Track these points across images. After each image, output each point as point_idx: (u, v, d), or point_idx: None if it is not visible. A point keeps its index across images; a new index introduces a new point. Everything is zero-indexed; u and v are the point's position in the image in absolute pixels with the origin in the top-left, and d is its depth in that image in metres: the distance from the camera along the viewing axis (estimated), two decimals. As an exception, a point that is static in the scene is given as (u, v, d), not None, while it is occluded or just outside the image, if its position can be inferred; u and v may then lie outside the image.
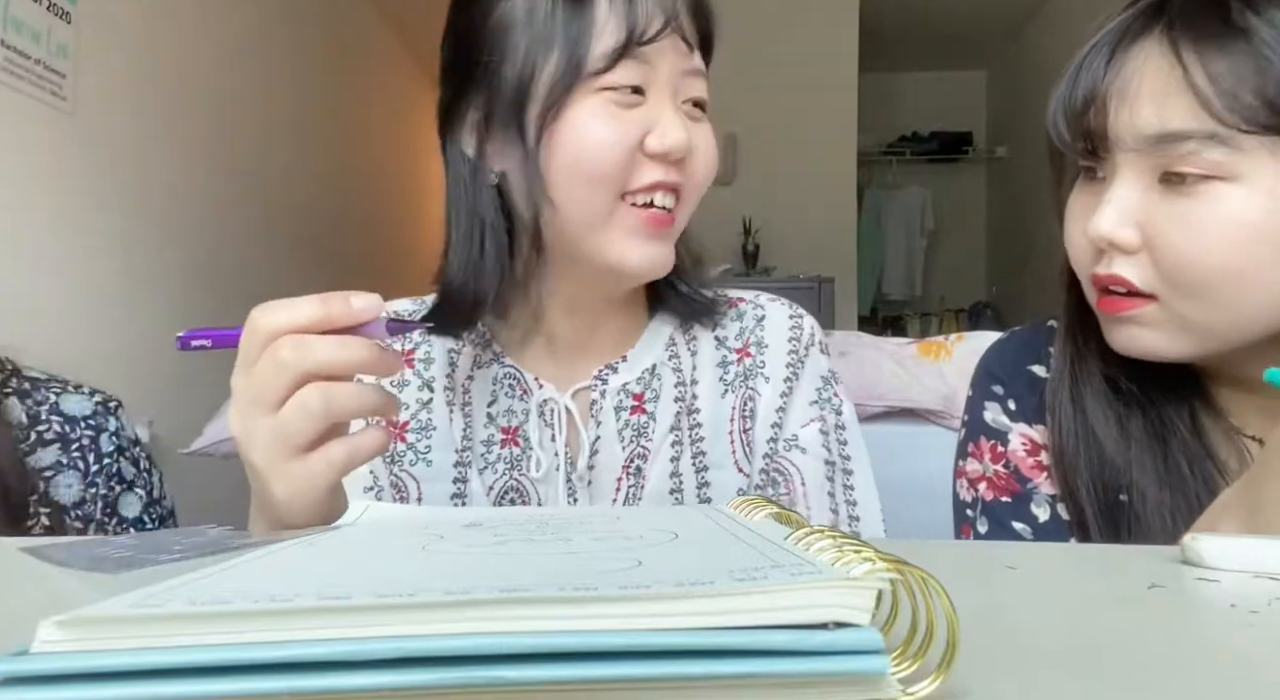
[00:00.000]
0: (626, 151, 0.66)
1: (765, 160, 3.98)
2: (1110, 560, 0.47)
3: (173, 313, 2.48)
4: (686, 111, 0.69)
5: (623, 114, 0.66)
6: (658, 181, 0.67)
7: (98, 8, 2.15)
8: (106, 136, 2.18)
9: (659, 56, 0.67)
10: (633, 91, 0.66)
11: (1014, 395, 0.76)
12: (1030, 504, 0.73)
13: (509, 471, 0.74)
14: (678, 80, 0.68)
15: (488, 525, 0.41)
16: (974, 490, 0.76)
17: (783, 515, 0.37)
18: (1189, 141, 0.57)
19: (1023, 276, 5.01)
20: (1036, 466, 0.73)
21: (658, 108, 0.67)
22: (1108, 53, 0.62)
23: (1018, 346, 0.79)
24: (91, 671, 0.21)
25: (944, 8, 4.77)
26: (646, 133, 0.66)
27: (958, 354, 1.30)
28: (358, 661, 0.21)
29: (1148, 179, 0.60)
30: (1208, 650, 0.29)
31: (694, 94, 0.70)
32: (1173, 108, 0.58)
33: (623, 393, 0.75)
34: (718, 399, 0.77)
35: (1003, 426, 0.76)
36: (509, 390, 0.75)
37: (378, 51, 4.47)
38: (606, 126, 0.65)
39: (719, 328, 0.79)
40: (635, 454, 0.75)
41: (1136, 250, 0.61)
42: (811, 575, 0.23)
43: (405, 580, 0.27)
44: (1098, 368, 0.70)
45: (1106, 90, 0.61)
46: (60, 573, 0.41)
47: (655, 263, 0.69)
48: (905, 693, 0.22)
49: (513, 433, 0.74)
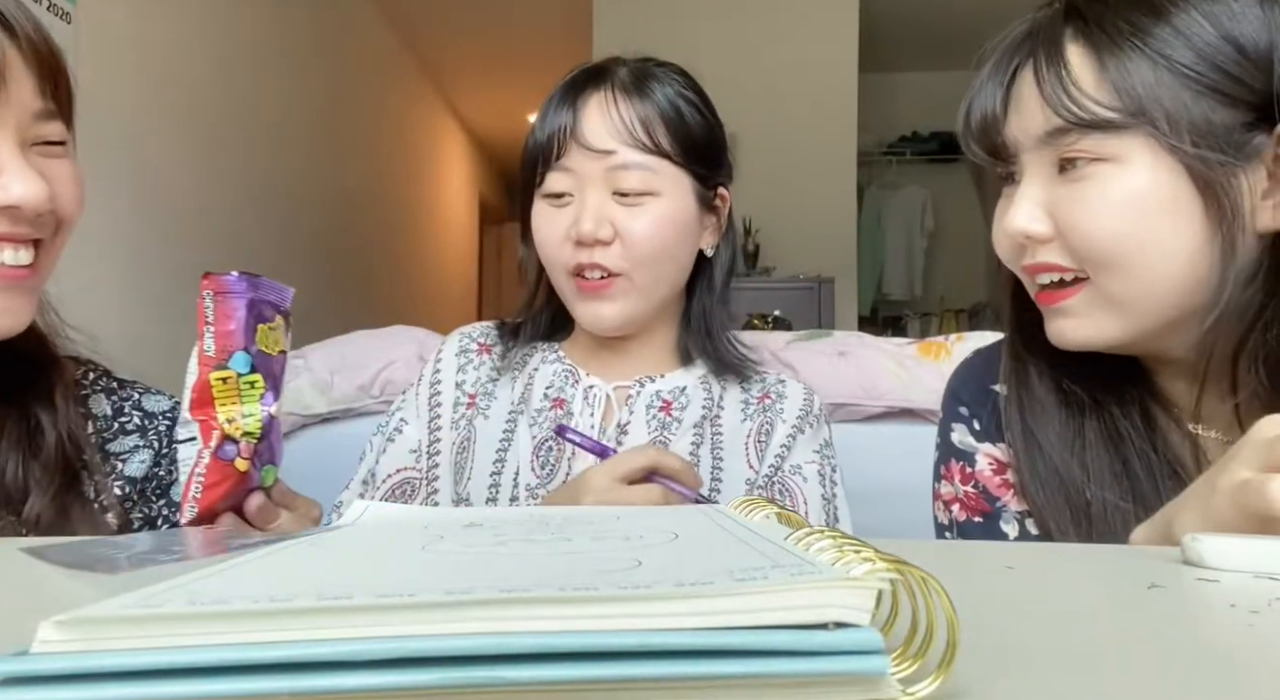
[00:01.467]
0: (556, 243, 0.86)
1: (765, 160, 3.97)
2: (1110, 560, 0.47)
3: (171, 313, 2.49)
4: (616, 201, 0.85)
5: (555, 214, 0.87)
6: (579, 264, 0.85)
7: (98, 8, 2.15)
8: (106, 137, 2.18)
9: (574, 165, 0.85)
10: (558, 196, 0.87)
11: (977, 416, 0.79)
12: (1000, 522, 0.75)
13: (551, 428, 0.89)
14: (601, 178, 0.85)
15: (488, 525, 0.41)
16: (949, 512, 0.79)
17: (783, 515, 0.37)
18: (1070, 133, 0.64)
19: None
20: (1004, 485, 0.76)
21: (581, 205, 0.85)
22: (998, 73, 0.70)
23: (981, 366, 0.81)
24: (91, 671, 0.21)
25: (944, 8, 4.77)
26: (574, 224, 0.85)
27: (958, 354, 1.30)
28: (358, 661, 0.21)
29: (1048, 172, 0.67)
30: (1208, 650, 0.29)
31: (621, 186, 0.85)
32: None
33: (655, 396, 0.91)
34: (738, 422, 0.92)
35: (969, 447, 0.78)
36: (564, 378, 0.93)
37: (378, 51, 4.47)
38: (545, 225, 0.88)
39: (744, 382, 0.95)
40: (658, 440, 0.89)
41: (1051, 238, 0.67)
42: (811, 575, 0.23)
43: (405, 580, 0.27)
44: (1044, 378, 0.73)
45: (1003, 104, 0.69)
46: (60, 573, 0.41)
47: (598, 322, 0.88)
48: (905, 693, 0.22)
49: (560, 402, 0.91)
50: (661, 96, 0.86)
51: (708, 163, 0.90)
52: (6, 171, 0.66)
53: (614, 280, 0.85)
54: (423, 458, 0.92)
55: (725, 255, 0.95)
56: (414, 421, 0.94)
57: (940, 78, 5.73)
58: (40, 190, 0.67)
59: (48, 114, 0.70)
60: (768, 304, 3.25)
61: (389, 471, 0.91)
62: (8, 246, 0.68)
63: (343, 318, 2.48)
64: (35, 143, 0.70)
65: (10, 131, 0.67)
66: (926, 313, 5.61)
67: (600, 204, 0.84)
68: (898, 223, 5.52)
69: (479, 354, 0.96)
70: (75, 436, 0.76)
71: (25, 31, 0.68)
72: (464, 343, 0.97)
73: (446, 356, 0.96)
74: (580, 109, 0.86)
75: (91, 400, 0.82)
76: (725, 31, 3.93)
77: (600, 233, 0.84)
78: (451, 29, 4.80)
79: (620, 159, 0.84)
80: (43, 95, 0.69)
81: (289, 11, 3.34)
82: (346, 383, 1.29)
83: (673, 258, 0.88)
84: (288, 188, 3.33)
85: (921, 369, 1.27)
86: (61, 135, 0.72)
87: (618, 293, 0.86)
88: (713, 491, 0.86)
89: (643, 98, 0.86)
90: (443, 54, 5.13)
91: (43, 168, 0.69)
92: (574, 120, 0.85)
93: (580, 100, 0.86)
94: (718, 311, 0.94)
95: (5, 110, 0.66)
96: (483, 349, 0.97)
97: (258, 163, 3.08)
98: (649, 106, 0.85)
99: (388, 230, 4.62)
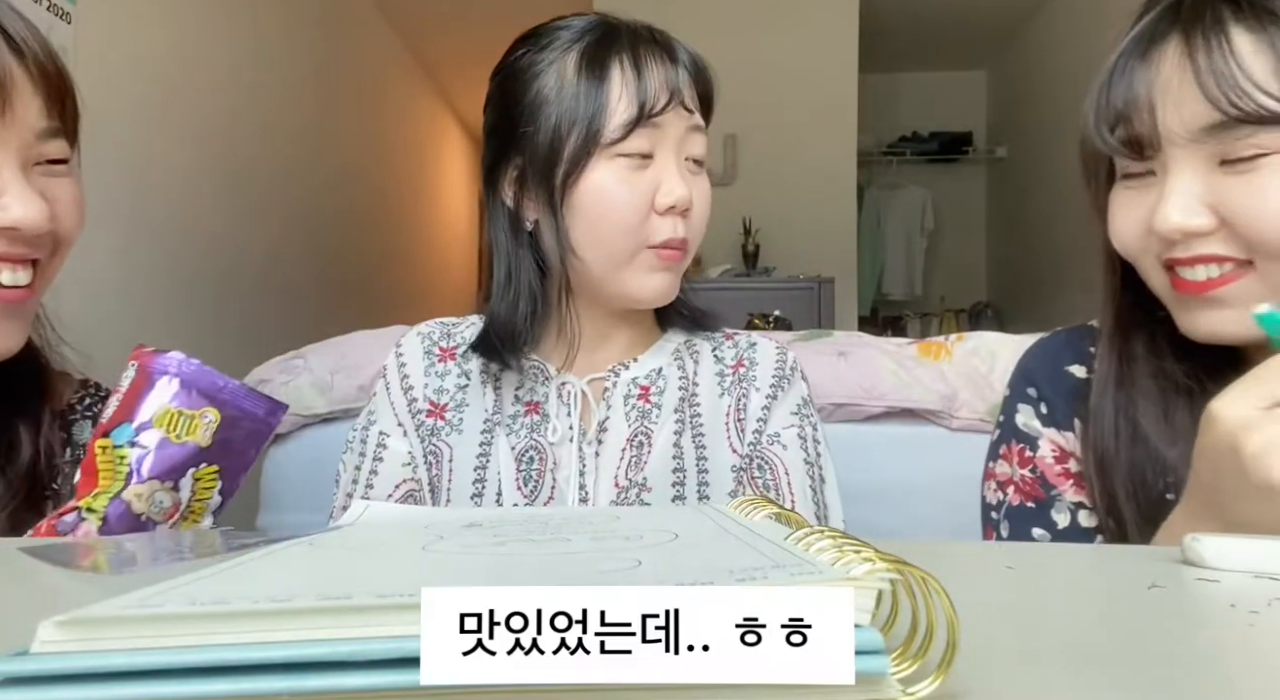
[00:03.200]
0: (641, 208, 0.80)
1: (765, 160, 3.97)
2: (1110, 560, 0.47)
3: (168, 312, 2.48)
4: (688, 167, 0.82)
5: (634, 176, 0.80)
6: (667, 239, 0.81)
7: (98, 8, 2.15)
8: (104, 137, 2.19)
9: (666, 123, 0.80)
10: (642, 157, 0.80)
11: (1046, 399, 0.77)
12: (1052, 510, 0.73)
13: (530, 435, 0.85)
14: (680, 140, 0.82)
15: (487, 525, 0.41)
16: (1001, 493, 0.77)
17: (783, 515, 0.37)
18: (1242, 127, 0.60)
19: (1023, 276, 5.01)
20: (1063, 474, 0.74)
21: (663, 168, 0.81)
22: (1138, 57, 0.65)
23: (1058, 346, 0.79)
24: (91, 671, 0.21)
25: (944, 8, 4.77)
26: (655, 190, 0.80)
27: (958, 354, 1.30)
28: (358, 661, 0.21)
29: (1207, 166, 0.63)
30: (1208, 650, 0.29)
31: (693, 152, 0.83)
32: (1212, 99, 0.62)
33: (632, 384, 0.87)
34: (716, 398, 0.88)
35: (1033, 431, 0.76)
36: (534, 377, 0.87)
37: (379, 50, 4.47)
38: (622, 186, 0.80)
39: (717, 349, 0.91)
40: (639, 431, 0.86)
41: (1213, 231, 0.63)
42: (812, 575, 0.23)
43: (405, 580, 0.27)
44: (1146, 365, 0.71)
45: (1148, 92, 0.64)
46: (60, 573, 0.41)
47: (663, 292, 0.83)
48: (905, 693, 0.22)
49: (534, 406, 0.86)
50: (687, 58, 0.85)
51: None
52: (7, 193, 0.66)
53: (682, 252, 0.83)
54: (419, 468, 0.86)
55: None
56: (395, 432, 0.87)
57: (940, 78, 5.73)
58: (40, 212, 0.67)
59: (52, 132, 0.70)
60: (768, 304, 3.25)
61: (388, 490, 0.85)
62: (5, 267, 0.68)
63: (343, 318, 2.48)
64: (38, 162, 0.69)
65: (13, 152, 0.67)
66: (926, 313, 5.60)
67: (680, 171, 0.82)
68: (898, 223, 5.52)
69: (442, 360, 0.89)
70: (51, 459, 0.75)
71: (33, 52, 0.68)
72: (426, 345, 0.90)
73: (412, 360, 0.89)
74: (651, 68, 0.81)
75: (76, 427, 0.80)
76: (725, 31, 3.93)
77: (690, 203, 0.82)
78: (451, 28, 4.81)
79: (696, 120, 0.83)
80: (48, 115, 0.69)
81: (289, 11, 3.34)
82: (346, 383, 1.29)
83: None
84: (287, 187, 3.33)
85: (921, 369, 1.27)
86: (64, 153, 0.71)
87: (681, 265, 0.84)
88: (700, 485, 0.84)
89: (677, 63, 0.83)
90: (443, 53, 5.13)
91: (44, 188, 0.69)
92: (675, 76, 0.81)
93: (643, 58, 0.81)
94: None
95: (9, 131, 0.66)
96: (445, 354, 0.90)
97: (258, 162, 3.08)
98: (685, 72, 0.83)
99: (388, 229, 4.62)
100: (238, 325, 2.83)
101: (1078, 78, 4.18)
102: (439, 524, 0.43)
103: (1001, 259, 5.51)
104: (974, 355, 1.28)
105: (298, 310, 3.24)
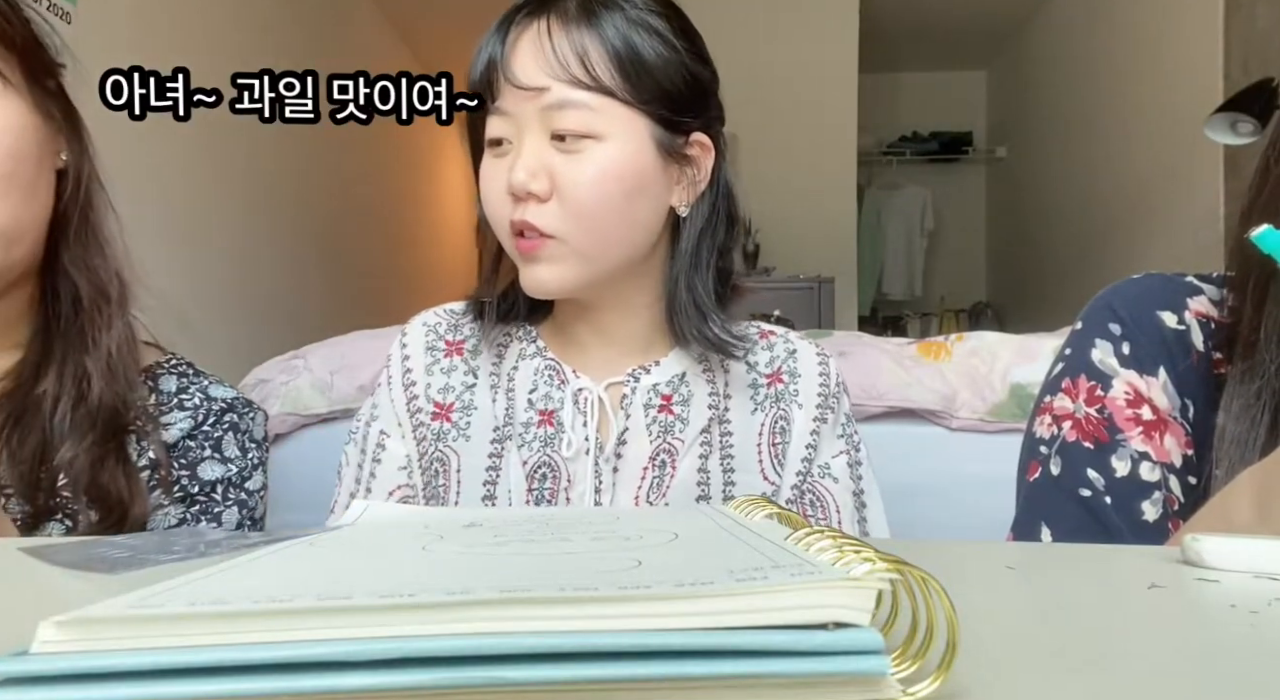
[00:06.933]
0: (499, 196, 0.76)
1: (765, 160, 3.97)
2: (1110, 560, 0.47)
3: (167, 313, 2.48)
4: (558, 146, 0.74)
5: (496, 163, 0.77)
6: (513, 222, 0.75)
7: (98, 8, 2.15)
8: (105, 137, 2.18)
9: (506, 107, 0.75)
10: (494, 143, 0.77)
11: (1130, 338, 0.73)
12: (1112, 455, 0.70)
13: (543, 448, 0.80)
14: (539, 118, 0.74)
15: (488, 525, 0.41)
16: (1057, 427, 0.73)
17: (783, 515, 0.37)
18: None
19: (1023, 277, 5.01)
20: (1133, 419, 0.70)
21: (516, 151, 0.75)
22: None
23: (1148, 289, 0.75)
24: (91, 672, 0.21)
25: (944, 8, 4.77)
26: None
27: (958, 354, 1.30)
28: (358, 661, 0.21)
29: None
30: (1208, 650, 0.29)
31: (561, 125, 0.74)
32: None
33: (652, 392, 0.81)
34: (748, 415, 0.83)
35: (1109, 369, 0.72)
36: (548, 379, 0.82)
37: (378, 49, 4.47)
38: (486, 175, 0.78)
39: (750, 354, 0.85)
40: (662, 449, 0.80)
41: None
42: (811, 575, 0.23)
43: (405, 580, 0.27)
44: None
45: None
46: (60, 573, 0.41)
47: (538, 285, 0.77)
48: (905, 693, 0.22)
49: (549, 415, 0.81)
50: (610, 25, 0.74)
51: (675, 103, 0.76)
52: None
53: (545, 242, 0.74)
54: (414, 473, 0.83)
55: (702, 214, 0.80)
56: (395, 433, 0.83)
57: (940, 78, 5.73)
58: None
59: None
60: (768, 304, 3.25)
61: (384, 494, 0.82)
62: None
63: (343, 317, 2.48)
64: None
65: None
66: (926, 313, 5.61)
67: (538, 151, 0.73)
68: (898, 223, 5.52)
69: (448, 355, 0.84)
70: (125, 396, 0.80)
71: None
72: (430, 338, 0.85)
73: (415, 354, 0.84)
74: (512, 41, 0.75)
75: (162, 380, 0.87)
76: (725, 31, 3.93)
77: (534, 185, 0.73)
78: (451, 27, 4.81)
79: (554, 96, 0.73)
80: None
81: (289, 10, 3.34)
82: (346, 383, 1.29)
83: (623, 216, 0.75)
84: (287, 186, 3.33)
85: (921, 369, 1.27)
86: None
87: (553, 256, 0.75)
88: None
89: (588, 26, 0.74)
90: (443, 52, 5.13)
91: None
92: (502, 54, 0.75)
93: (513, 31, 0.75)
94: (698, 283, 0.80)
95: None
96: (451, 348, 0.84)
97: (258, 161, 3.08)
98: (591, 36, 0.73)
99: (388, 228, 4.62)
100: (231, 312, 2.83)
101: (1078, 78, 4.19)
102: (439, 524, 0.43)
103: (1001, 259, 5.52)
104: (974, 355, 1.28)
105: (298, 310, 3.24)
